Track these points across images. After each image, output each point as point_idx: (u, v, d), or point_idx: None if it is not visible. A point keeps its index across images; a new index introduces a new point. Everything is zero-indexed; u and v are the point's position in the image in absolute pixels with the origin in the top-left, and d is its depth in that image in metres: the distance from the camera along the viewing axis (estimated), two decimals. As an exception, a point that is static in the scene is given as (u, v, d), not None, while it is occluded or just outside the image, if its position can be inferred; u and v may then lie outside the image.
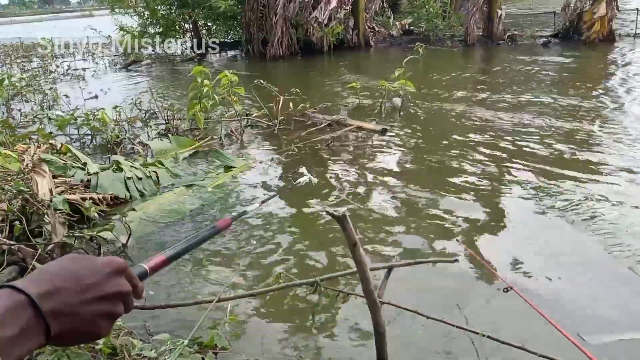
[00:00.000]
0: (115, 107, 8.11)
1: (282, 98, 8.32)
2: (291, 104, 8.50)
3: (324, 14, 16.53)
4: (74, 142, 7.61)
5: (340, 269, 3.78)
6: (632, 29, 15.86)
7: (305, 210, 5.05)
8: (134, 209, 5.03)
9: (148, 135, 7.80)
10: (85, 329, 0.67)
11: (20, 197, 4.16)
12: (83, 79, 14.53)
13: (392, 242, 4.30)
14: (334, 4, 16.67)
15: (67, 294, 0.65)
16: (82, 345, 2.40)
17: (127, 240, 4.28)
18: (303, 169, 1.79)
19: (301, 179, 1.54)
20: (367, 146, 7.01)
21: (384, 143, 7.06)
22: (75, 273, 0.68)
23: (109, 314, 0.70)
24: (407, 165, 6.19)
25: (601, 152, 6.12)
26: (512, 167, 5.81)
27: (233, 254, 4.21)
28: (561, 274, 3.68)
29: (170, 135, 7.56)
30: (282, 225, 4.72)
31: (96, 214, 4.54)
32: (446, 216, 4.71)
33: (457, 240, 4.20)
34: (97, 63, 18.29)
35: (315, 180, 1.56)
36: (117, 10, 19.53)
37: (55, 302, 0.64)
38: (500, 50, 15.83)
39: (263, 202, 1.35)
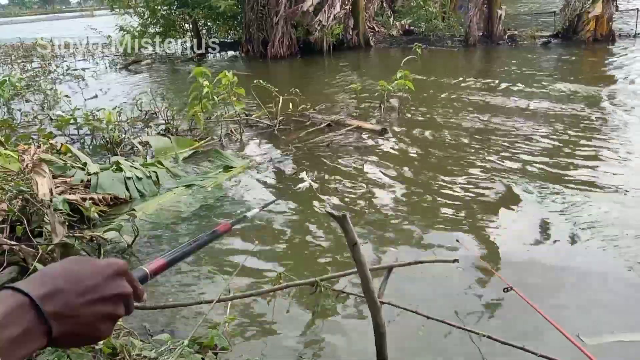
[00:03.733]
0: (115, 107, 8.12)
1: (281, 98, 8.32)
2: (291, 104, 8.51)
3: (327, 17, 16.53)
4: (74, 142, 7.61)
5: (340, 269, 3.78)
6: (632, 29, 15.86)
7: (305, 210, 5.05)
8: (133, 209, 5.03)
9: (148, 135, 7.79)
10: (86, 331, 0.68)
11: (20, 197, 4.16)
12: (83, 79, 14.53)
13: (392, 242, 4.30)
14: (337, 7, 16.67)
15: (68, 296, 0.66)
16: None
17: (133, 241, 4.29)
18: (303, 175, 1.79)
19: (301, 185, 1.54)
20: (366, 146, 7.01)
21: (383, 143, 7.07)
22: (76, 275, 0.68)
23: (109, 316, 0.70)
24: (407, 166, 6.19)
25: (602, 153, 6.12)
26: (512, 168, 5.81)
27: (233, 253, 4.21)
28: (561, 274, 3.68)
29: (170, 135, 7.57)
30: (282, 225, 4.72)
31: (96, 214, 4.55)
32: (446, 216, 4.71)
33: (457, 241, 4.20)
34: (97, 63, 18.30)
35: (315, 185, 1.57)
36: (116, 9, 19.53)
37: (57, 303, 0.64)
38: (500, 50, 15.83)
39: (262, 207, 1.37)
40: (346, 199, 5.27)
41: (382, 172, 5.99)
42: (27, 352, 0.62)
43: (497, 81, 11.14)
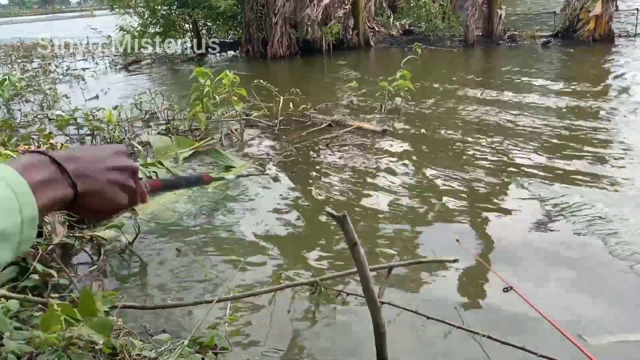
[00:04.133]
0: (115, 107, 8.12)
1: (282, 98, 8.32)
2: (291, 104, 8.51)
3: (316, 10, 16.45)
4: (74, 142, 7.61)
5: (340, 269, 3.78)
6: (632, 29, 15.85)
7: (305, 210, 5.05)
8: (133, 209, 5.03)
9: (148, 135, 7.79)
10: (105, 194, 0.76)
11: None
12: (83, 80, 14.53)
13: (392, 242, 4.30)
14: (326, 0, 16.60)
15: (83, 161, 0.75)
16: (82, 345, 2.39)
17: (134, 239, 4.31)
18: (271, 167, 1.91)
19: (269, 173, 1.66)
20: (367, 147, 7.01)
21: (384, 144, 7.07)
22: (87, 149, 0.78)
23: (122, 184, 0.79)
24: (407, 166, 6.19)
25: (601, 154, 6.12)
26: (512, 168, 5.81)
27: (233, 253, 4.22)
28: (561, 273, 3.68)
29: (170, 135, 7.57)
30: (282, 225, 4.72)
31: (96, 214, 4.54)
32: (446, 216, 4.71)
33: (457, 240, 4.20)
34: (97, 63, 18.29)
35: (281, 178, 1.69)
36: (116, 9, 19.54)
37: (75, 165, 0.73)
38: (500, 50, 15.83)
39: (243, 175, 1.51)
40: (346, 199, 5.27)
41: (383, 172, 5.99)
42: (57, 195, 0.69)
43: (497, 82, 11.15)
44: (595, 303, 3.35)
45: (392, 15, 20.65)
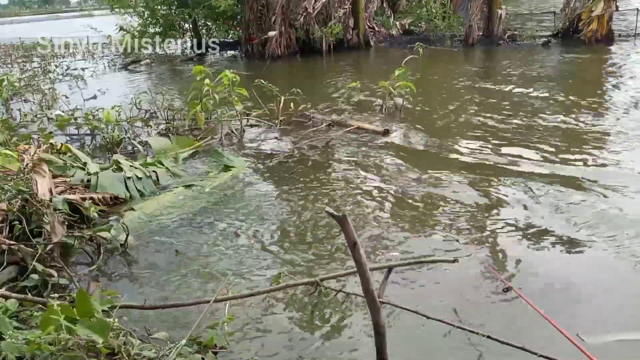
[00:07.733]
0: (114, 107, 8.10)
1: (282, 98, 8.32)
2: (292, 104, 8.50)
3: (313, 3, 16.36)
4: (74, 142, 7.60)
5: (340, 269, 3.78)
6: (631, 29, 15.84)
7: (305, 209, 5.04)
8: (132, 209, 5.04)
9: (148, 135, 7.79)
10: None
11: (20, 197, 4.16)
12: (82, 79, 14.51)
13: (392, 242, 4.30)
14: None
15: None
16: (82, 344, 2.39)
17: (126, 239, 4.30)
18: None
19: None
20: (367, 147, 7.00)
21: (385, 144, 7.06)
22: None
23: None
24: (408, 166, 6.18)
25: (602, 154, 6.12)
26: (513, 169, 5.80)
27: (232, 254, 4.21)
28: (561, 274, 3.68)
29: (170, 135, 7.57)
30: (282, 225, 4.72)
31: (96, 214, 4.54)
32: (446, 216, 4.71)
33: (457, 241, 4.20)
34: (96, 63, 18.28)
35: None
36: (116, 9, 19.53)
37: None
38: (500, 50, 15.82)
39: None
40: (346, 199, 5.27)
41: (383, 172, 5.99)
42: None
43: (497, 81, 11.14)
44: (595, 303, 3.35)
45: (392, 15, 20.62)
